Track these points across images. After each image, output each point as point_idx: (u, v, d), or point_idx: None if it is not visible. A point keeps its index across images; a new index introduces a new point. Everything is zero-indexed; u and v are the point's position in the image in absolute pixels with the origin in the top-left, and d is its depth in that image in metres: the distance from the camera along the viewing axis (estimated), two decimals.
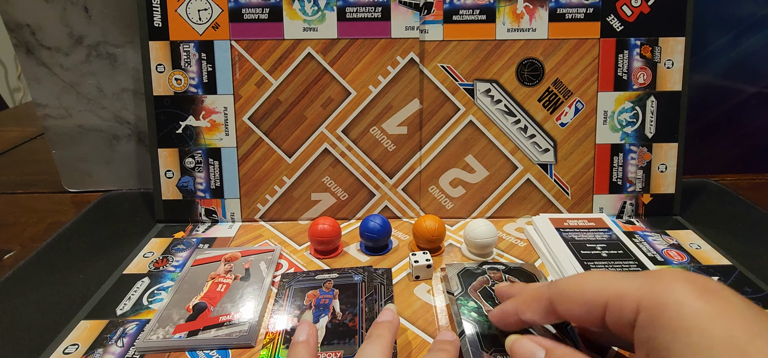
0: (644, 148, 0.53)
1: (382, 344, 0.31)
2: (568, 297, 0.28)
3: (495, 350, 0.33)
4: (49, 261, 0.48)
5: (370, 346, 0.31)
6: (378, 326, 0.33)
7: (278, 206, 0.54)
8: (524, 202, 0.54)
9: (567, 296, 0.28)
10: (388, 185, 0.54)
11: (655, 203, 0.54)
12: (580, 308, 0.28)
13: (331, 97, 0.53)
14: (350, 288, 0.41)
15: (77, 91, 0.60)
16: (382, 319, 0.33)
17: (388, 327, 0.32)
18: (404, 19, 0.51)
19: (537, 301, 0.30)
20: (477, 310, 0.36)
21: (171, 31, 0.51)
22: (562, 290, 0.29)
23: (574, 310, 0.28)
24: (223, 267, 0.45)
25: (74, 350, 0.36)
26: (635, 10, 0.51)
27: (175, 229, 0.53)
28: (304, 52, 0.52)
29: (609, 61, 0.52)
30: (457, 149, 0.53)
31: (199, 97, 0.52)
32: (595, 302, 0.27)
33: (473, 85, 0.53)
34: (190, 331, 0.37)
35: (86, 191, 0.64)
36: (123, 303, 0.41)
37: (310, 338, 0.32)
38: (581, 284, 0.28)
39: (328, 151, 0.54)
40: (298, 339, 0.32)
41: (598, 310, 0.27)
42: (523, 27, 0.52)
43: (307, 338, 0.32)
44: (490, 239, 0.45)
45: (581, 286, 0.28)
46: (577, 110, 0.53)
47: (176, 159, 0.53)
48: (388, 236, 0.48)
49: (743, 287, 0.42)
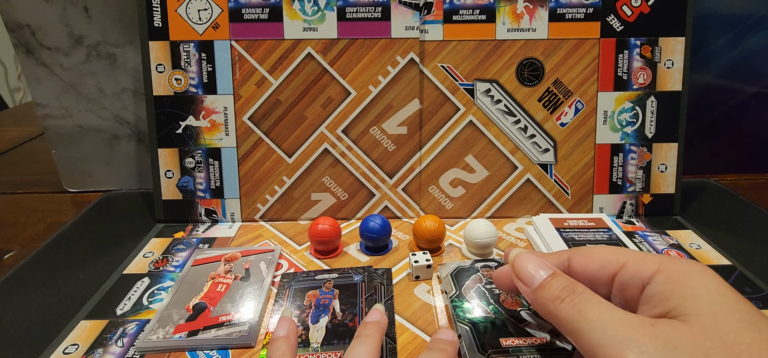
0: (644, 148, 0.53)
1: (370, 344, 0.31)
2: (588, 254, 0.30)
3: (492, 351, 0.33)
4: (49, 261, 0.48)
5: (359, 346, 0.31)
6: (366, 326, 0.33)
7: (278, 206, 0.54)
8: (524, 202, 0.54)
9: (587, 253, 0.30)
10: (388, 185, 0.54)
11: (655, 203, 0.54)
12: (595, 264, 0.29)
13: (331, 97, 0.53)
14: (350, 288, 0.41)
15: (77, 91, 0.60)
16: (370, 319, 0.33)
17: (376, 327, 0.32)
18: (404, 19, 0.51)
19: (556, 256, 0.32)
20: (472, 312, 0.36)
21: (171, 31, 0.51)
22: (581, 249, 0.31)
23: (590, 265, 0.30)
24: (223, 267, 0.45)
25: (74, 350, 0.36)
26: (635, 10, 0.51)
27: (175, 229, 0.53)
28: (304, 52, 0.52)
29: (609, 61, 0.52)
30: (457, 149, 0.53)
31: (199, 97, 0.52)
32: (613, 261, 0.29)
33: (473, 85, 0.53)
34: (190, 331, 0.37)
35: (86, 191, 0.64)
36: (123, 303, 0.41)
37: (291, 334, 0.32)
38: (603, 248, 0.30)
39: (328, 151, 0.54)
40: (278, 334, 0.32)
41: (612, 268, 0.29)
42: (523, 27, 0.52)
43: (287, 333, 0.32)
44: (490, 239, 0.45)
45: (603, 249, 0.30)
46: (577, 110, 0.53)
47: (176, 159, 0.53)
48: (388, 236, 0.48)
49: (743, 287, 0.42)
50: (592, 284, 0.29)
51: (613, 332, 0.24)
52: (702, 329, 0.23)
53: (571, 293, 0.27)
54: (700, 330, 0.23)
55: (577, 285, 0.28)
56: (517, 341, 0.33)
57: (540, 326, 0.34)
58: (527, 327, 0.34)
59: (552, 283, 0.28)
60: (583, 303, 0.26)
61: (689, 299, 0.24)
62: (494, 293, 0.38)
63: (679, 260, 0.27)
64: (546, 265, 0.30)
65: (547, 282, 0.29)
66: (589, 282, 0.29)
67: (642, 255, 0.28)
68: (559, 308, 0.27)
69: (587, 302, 0.26)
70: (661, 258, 0.27)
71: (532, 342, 0.33)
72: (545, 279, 0.29)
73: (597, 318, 0.25)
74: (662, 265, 0.27)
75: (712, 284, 0.25)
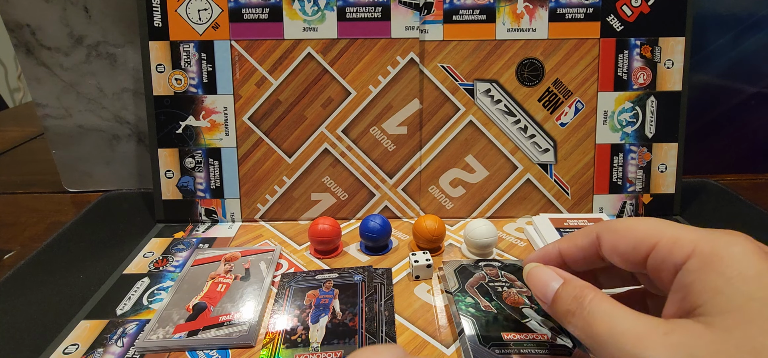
0: (644, 148, 0.53)
1: None
2: (617, 232, 0.28)
3: (494, 346, 0.33)
4: (49, 261, 0.48)
5: None
6: None
7: (278, 206, 0.54)
8: (524, 202, 0.54)
9: (616, 231, 0.28)
10: (388, 185, 0.54)
11: (655, 203, 0.54)
12: (626, 244, 0.27)
13: (331, 97, 0.53)
14: (350, 288, 0.41)
15: (77, 91, 0.60)
16: None
17: None
18: (404, 19, 0.51)
19: (583, 235, 0.30)
20: (474, 306, 0.37)
21: (171, 31, 0.51)
22: (611, 226, 0.28)
23: (621, 245, 0.27)
24: (223, 267, 0.45)
25: (74, 350, 0.36)
26: (635, 10, 0.51)
27: (175, 229, 0.53)
28: (304, 52, 0.52)
29: (609, 61, 0.52)
30: (457, 149, 0.54)
31: (199, 97, 0.52)
32: (644, 239, 0.26)
33: (473, 85, 0.53)
34: (190, 331, 0.37)
35: (86, 191, 0.64)
36: (123, 303, 0.41)
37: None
38: (633, 223, 0.27)
39: (328, 151, 0.54)
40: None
41: (645, 248, 0.26)
42: (523, 27, 0.52)
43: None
44: (490, 239, 0.45)
45: (633, 224, 0.27)
46: (577, 110, 0.53)
47: (176, 159, 0.53)
48: (388, 236, 0.48)
49: None
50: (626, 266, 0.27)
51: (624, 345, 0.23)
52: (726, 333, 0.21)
53: (579, 306, 0.26)
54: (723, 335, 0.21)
55: (585, 292, 0.26)
56: (518, 335, 0.34)
57: (541, 322, 0.35)
58: (529, 323, 0.35)
59: (562, 295, 0.27)
60: (591, 316, 0.25)
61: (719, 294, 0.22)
62: (496, 289, 0.39)
63: (718, 237, 0.24)
64: (556, 274, 0.29)
65: (558, 295, 0.28)
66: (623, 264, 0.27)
67: (677, 232, 0.25)
68: (571, 324, 0.26)
69: (595, 315, 0.25)
70: (697, 236, 0.24)
71: (534, 337, 0.33)
72: (557, 291, 0.28)
73: (607, 332, 0.24)
74: (697, 245, 0.24)
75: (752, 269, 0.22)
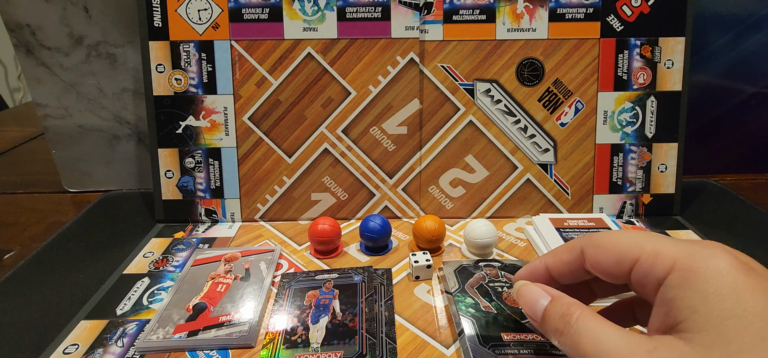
0: (644, 148, 0.53)
1: None
2: (600, 246, 0.28)
3: (494, 346, 0.33)
4: (49, 261, 0.48)
5: None
6: None
7: (278, 206, 0.54)
8: (524, 202, 0.54)
9: (599, 245, 0.28)
10: (388, 185, 0.54)
11: (655, 203, 0.54)
12: (609, 259, 0.27)
13: (331, 97, 0.53)
14: (350, 288, 0.41)
15: (77, 91, 0.60)
16: None
17: None
18: (404, 19, 0.51)
19: (568, 250, 0.30)
20: (474, 306, 0.37)
21: (171, 31, 0.51)
22: (594, 240, 0.29)
23: (604, 260, 0.28)
24: (223, 267, 0.45)
25: (74, 350, 0.36)
26: (635, 10, 0.51)
27: (175, 229, 0.53)
28: (304, 52, 0.52)
29: (609, 61, 0.52)
30: (457, 149, 0.54)
31: (199, 97, 0.52)
32: (627, 254, 0.26)
33: (473, 85, 0.53)
34: (190, 331, 0.37)
35: (86, 191, 0.64)
36: (123, 303, 0.41)
37: None
38: (615, 237, 0.28)
39: (328, 151, 0.54)
40: None
41: (628, 263, 0.26)
42: (523, 27, 0.52)
43: None
44: (490, 239, 0.45)
45: (615, 238, 0.28)
46: (577, 110, 0.53)
47: (176, 159, 0.53)
48: (388, 236, 0.48)
49: None
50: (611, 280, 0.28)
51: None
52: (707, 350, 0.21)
53: (566, 324, 0.26)
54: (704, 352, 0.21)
55: (572, 310, 0.27)
56: (518, 336, 0.34)
57: None
58: (529, 324, 0.35)
59: (550, 313, 0.28)
60: (578, 335, 0.26)
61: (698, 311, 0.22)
62: (496, 290, 0.39)
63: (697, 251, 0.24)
64: (544, 291, 0.29)
65: (546, 312, 0.28)
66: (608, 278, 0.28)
67: (657, 246, 0.25)
68: (560, 342, 0.27)
69: (582, 333, 0.25)
70: (677, 250, 0.25)
71: (533, 338, 0.33)
72: (545, 309, 0.28)
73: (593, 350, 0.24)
74: (677, 261, 0.24)
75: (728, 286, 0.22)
